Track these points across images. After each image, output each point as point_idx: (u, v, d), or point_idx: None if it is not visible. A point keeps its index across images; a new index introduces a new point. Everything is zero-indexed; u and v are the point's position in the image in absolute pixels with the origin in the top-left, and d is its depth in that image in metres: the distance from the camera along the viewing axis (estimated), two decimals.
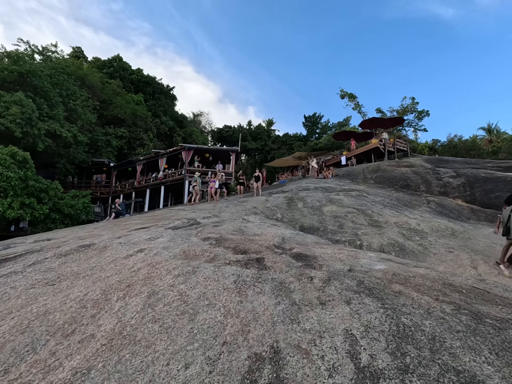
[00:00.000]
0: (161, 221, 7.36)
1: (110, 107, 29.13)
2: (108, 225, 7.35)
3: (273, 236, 4.90)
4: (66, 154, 21.14)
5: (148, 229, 5.93)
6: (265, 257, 3.21)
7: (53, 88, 20.33)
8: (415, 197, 13.70)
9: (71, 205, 14.89)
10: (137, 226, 6.69)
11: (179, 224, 6.67)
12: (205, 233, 5.05)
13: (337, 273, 2.76)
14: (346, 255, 3.70)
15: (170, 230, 5.18)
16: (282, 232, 5.58)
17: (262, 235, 5.08)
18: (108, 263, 3.16)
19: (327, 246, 4.70)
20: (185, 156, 20.80)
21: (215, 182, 12.35)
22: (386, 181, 16.26)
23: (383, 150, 21.82)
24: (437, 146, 46.74)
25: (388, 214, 9.93)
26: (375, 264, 3.24)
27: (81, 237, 5.06)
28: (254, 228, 5.90)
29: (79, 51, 37.93)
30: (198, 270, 2.74)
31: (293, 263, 3.06)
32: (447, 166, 17.25)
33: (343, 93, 35.62)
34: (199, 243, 4.08)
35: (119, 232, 5.68)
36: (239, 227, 5.96)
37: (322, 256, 3.50)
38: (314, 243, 5.36)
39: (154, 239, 4.17)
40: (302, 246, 4.63)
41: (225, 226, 6.02)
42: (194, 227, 5.99)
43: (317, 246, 4.87)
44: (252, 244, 4.05)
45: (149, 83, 39.17)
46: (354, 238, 7.66)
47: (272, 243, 4.24)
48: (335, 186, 15.28)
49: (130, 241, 4.08)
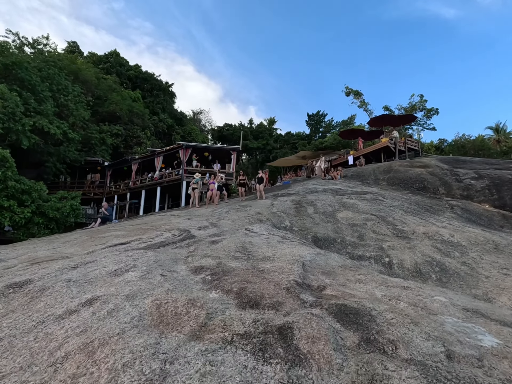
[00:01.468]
0: (148, 232, 6.08)
1: (106, 103, 27.82)
2: (83, 237, 6.06)
3: (290, 262, 3.62)
4: (56, 152, 19.86)
5: (126, 246, 4.65)
6: (292, 322, 1.91)
7: (42, 82, 19.04)
8: (435, 200, 12.40)
9: (56, 208, 13.59)
10: (116, 240, 5.41)
11: (168, 238, 5.39)
12: (198, 257, 3.77)
13: (438, 371, 1.46)
14: (411, 305, 2.41)
15: (151, 252, 3.89)
16: (299, 252, 4.30)
17: (275, 259, 3.80)
18: (24, 332, 1.87)
19: (367, 277, 3.40)
20: (183, 155, 19.48)
21: (214, 184, 11.06)
22: (400, 182, 14.97)
23: (394, 149, 20.52)
24: (443, 146, 45.47)
25: (413, 222, 8.64)
26: (474, 333, 1.95)
27: (34, 260, 3.80)
28: (262, 246, 4.61)
29: (75, 46, 36.63)
30: (172, 372, 1.44)
31: (343, 340, 1.76)
32: (466, 166, 15.93)
33: (348, 90, 34.27)
34: (186, 280, 2.79)
35: (87, 251, 4.40)
36: (243, 244, 4.67)
37: (378, 309, 2.20)
38: (343, 268, 4.08)
39: (122, 273, 2.88)
40: (331, 277, 3.36)
41: (225, 243, 4.73)
42: (186, 244, 4.70)
43: (351, 275, 3.59)
44: (264, 282, 2.76)
45: (147, 79, 37.83)
46: (380, 254, 6.36)
47: (293, 278, 2.96)
48: (345, 188, 14.00)
49: (85, 277, 2.78)
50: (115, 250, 4.31)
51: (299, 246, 5.02)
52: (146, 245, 4.82)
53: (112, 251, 4.08)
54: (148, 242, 5.04)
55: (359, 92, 34.09)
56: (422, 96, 32.10)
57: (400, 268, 5.75)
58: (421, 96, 32.11)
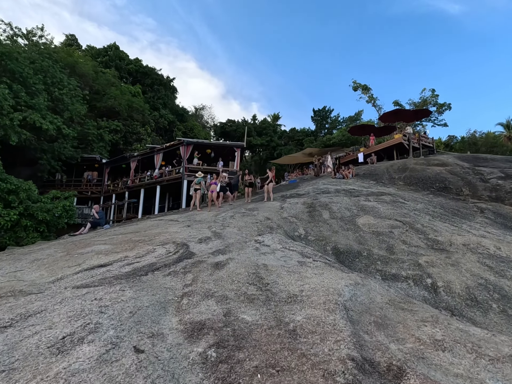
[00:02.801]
0: (138, 246, 5.01)
1: (104, 98, 26.68)
2: (59, 252, 4.99)
3: (328, 306, 2.55)
4: (50, 149, 18.83)
5: (104, 272, 3.59)
6: None
7: (35, 74, 17.96)
8: (461, 203, 11.24)
9: (47, 209, 12.55)
10: (96, 259, 4.35)
11: (160, 256, 4.31)
12: (197, 297, 2.69)
13: None
14: None
15: (131, 290, 2.80)
16: (331, 283, 3.22)
17: (304, 300, 2.72)
18: None
19: (440, 330, 2.30)
20: (184, 152, 18.36)
21: (216, 184, 9.95)
22: (418, 182, 13.80)
23: (407, 146, 19.27)
24: (452, 143, 43.94)
25: (445, 230, 7.50)
26: None
27: None
28: (281, 273, 3.52)
29: (73, 39, 35.49)
30: None
31: None
32: (489, 165, 14.73)
33: (356, 85, 32.88)
34: (176, 364, 1.70)
35: (53, 277, 3.34)
36: (256, 270, 3.59)
37: None
38: (394, 307, 2.98)
39: (72, 348, 1.80)
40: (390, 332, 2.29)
41: (232, 267, 3.65)
42: (182, 269, 3.62)
43: (413, 323, 2.51)
44: (304, 367, 1.69)
45: (147, 73, 36.62)
46: (419, 273, 5.25)
47: (346, 353, 1.89)
48: (360, 188, 12.86)
49: (10, 355, 1.70)
50: (86, 280, 3.24)
51: (327, 269, 3.92)
52: (130, 269, 3.75)
53: (80, 285, 3.01)
54: (135, 264, 3.98)
55: (367, 87, 32.71)
56: (433, 90, 30.73)
57: (448, 294, 4.64)
58: (432, 90, 30.73)
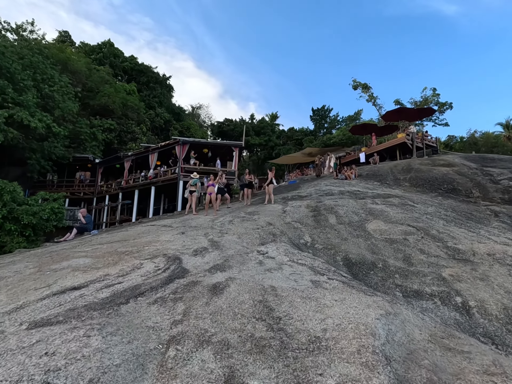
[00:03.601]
0: (123, 260, 4.32)
1: (97, 96, 25.85)
2: (30, 268, 4.28)
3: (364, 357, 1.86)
4: (39, 148, 18.00)
5: (77, 296, 2.90)
6: None
7: (24, 70, 17.14)
8: (472, 205, 10.65)
9: (33, 212, 11.80)
10: (71, 278, 3.65)
11: (147, 275, 3.62)
12: (188, 344, 2.02)
13: None
14: None
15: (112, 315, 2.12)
16: (359, 316, 2.57)
17: (330, 346, 2.05)
18: None
19: None
20: (180, 151, 17.63)
21: (214, 186, 9.26)
22: (425, 183, 13.20)
23: (411, 146, 18.70)
24: (452, 143, 43.58)
25: (463, 236, 6.89)
26: None
27: None
28: (295, 301, 2.85)
29: (66, 36, 34.54)
30: None
31: None
32: (497, 165, 14.17)
33: (356, 84, 32.27)
34: None
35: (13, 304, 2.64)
36: (263, 296, 2.91)
37: None
38: (439, 345, 2.33)
39: None
40: None
41: (234, 293, 2.97)
42: (171, 295, 2.94)
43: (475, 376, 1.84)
44: None
45: (143, 71, 35.77)
46: (445, 289, 4.60)
47: None
48: (365, 190, 12.24)
49: None
50: (50, 312, 2.55)
51: (347, 292, 3.25)
52: (109, 293, 3.06)
53: (39, 321, 2.32)
54: (116, 286, 3.29)
55: (368, 86, 32.12)
56: (434, 89, 30.19)
57: (484, 316, 4.00)
58: (433, 89, 30.19)
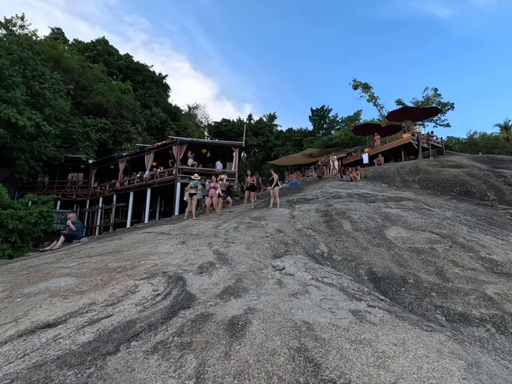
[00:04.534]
0: (113, 281, 3.55)
1: (91, 94, 24.92)
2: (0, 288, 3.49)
3: None
4: (29, 148, 17.09)
5: (53, 337, 2.13)
6: None
7: (12, 65, 16.25)
8: (489, 209, 10.04)
9: (19, 216, 10.96)
10: (48, 306, 2.88)
11: (143, 303, 2.87)
12: None
13: None
14: None
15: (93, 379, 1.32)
16: (434, 368, 1.84)
17: None
18: None
19: None
20: (177, 151, 16.83)
21: (215, 189, 8.51)
22: (436, 185, 12.59)
23: (416, 147, 18.15)
24: (451, 144, 43.39)
25: (494, 245, 6.24)
26: None
27: None
28: (342, 346, 2.14)
29: (59, 33, 33.50)
30: None
31: None
32: (509, 167, 13.64)
33: (356, 83, 31.75)
34: None
35: None
36: (298, 339, 2.20)
37: None
38: None
39: None
40: None
41: (258, 335, 2.25)
42: (175, 337, 2.21)
43: None
44: None
45: (138, 70, 34.89)
46: (496, 312, 3.91)
47: None
48: (374, 192, 11.59)
49: None
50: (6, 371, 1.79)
51: (401, 327, 2.53)
52: (92, 336, 2.30)
53: None
54: (102, 321, 2.53)
55: (368, 85, 31.61)
56: (436, 89, 29.80)
57: None
58: (435, 89, 29.81)
